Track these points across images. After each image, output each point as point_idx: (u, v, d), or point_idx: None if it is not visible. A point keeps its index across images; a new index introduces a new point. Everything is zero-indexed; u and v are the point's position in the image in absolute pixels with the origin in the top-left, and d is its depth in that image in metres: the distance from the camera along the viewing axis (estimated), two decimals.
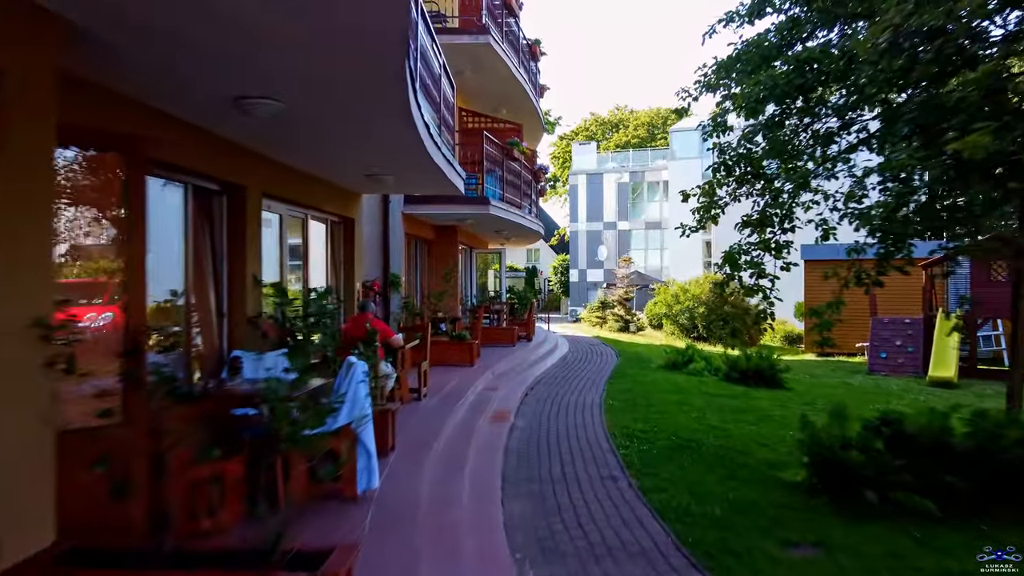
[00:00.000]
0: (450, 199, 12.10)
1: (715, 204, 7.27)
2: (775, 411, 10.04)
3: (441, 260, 14.91)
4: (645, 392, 11.46)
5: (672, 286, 24.46)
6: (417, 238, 13.78)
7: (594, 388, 11.79)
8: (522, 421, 8.95)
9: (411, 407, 8.06)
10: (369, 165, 6.97)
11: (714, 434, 8.37)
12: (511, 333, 14.97)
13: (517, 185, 14.51)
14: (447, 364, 11.44)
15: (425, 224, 13.82)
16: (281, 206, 6.97)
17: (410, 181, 8.19)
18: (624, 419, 9.21)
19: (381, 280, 11.70)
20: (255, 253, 6.07)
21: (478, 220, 13.29)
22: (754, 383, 12.48)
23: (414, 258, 13.76)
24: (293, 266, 7.61)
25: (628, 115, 60.16)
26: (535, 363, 14.12)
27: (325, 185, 7.84)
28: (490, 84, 14.88)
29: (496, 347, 14.39)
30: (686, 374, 14.05)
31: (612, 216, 42.39)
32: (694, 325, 23.01)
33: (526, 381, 11.82)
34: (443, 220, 13.63)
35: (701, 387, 12.32)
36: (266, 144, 5.89)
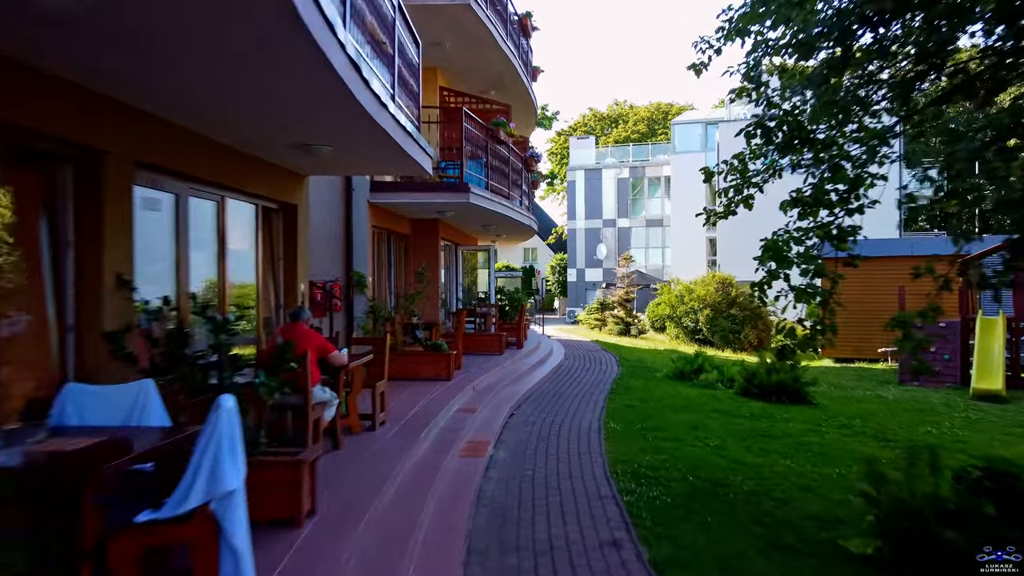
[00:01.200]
0: (423, 186, 10.44)
1: (748, 181, 5.60)
2: (809, 437, 8.36)
3: (420, 258, 13.25)
4: (652, 411, 9.79)
5: (676, 286, 22.81)
6: (390, 232, 12.11)
7: (592, 406, 10.12)
8: (503, 453, 7.27)
9: (359, 442, 6.39)
10: (287, 128, 5.30)
11: (742, 472, 6.69)
12: (499, 340, 13.29)
13: (505, 173, 12.84)
14: (420, 378, 9.77)
15: (399, 216, 12.15)
16: (178, 183, 5.30)
17: (356, 155, 6.52)
18: (628, 449, 7.54)
19: (343, 281, 10.03)
20: (120, 244, 4.40)
21: (460, 212, 11.63)
22: (776, 399, 10.81)
23: (386, 255, 12.09)
24: (206, 262, 5.93)
25: (628, 110, 58.50)
26: (525, 375, 12.44)
27: (249, 160, 6.17)
28: (476, 60, 13.23)
29: (481, 356, 12.71)
30: (697, 386, 12.38)
31: (611, 213, 40.76)
32: (699, 328, 21.34)
33: (513, 398, 10.14)
34: (420, 212, 11.96)
35: (715, 403, 10.65)
36: (128, 89, 4.21)
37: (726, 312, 20.99)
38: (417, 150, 6.73)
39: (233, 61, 3.73)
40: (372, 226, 10.65)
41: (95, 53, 3.54)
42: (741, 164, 5.71)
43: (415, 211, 11.88)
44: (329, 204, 9.95)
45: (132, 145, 4.52)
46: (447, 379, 9.87)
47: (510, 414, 9.32)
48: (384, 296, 12.05)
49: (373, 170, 8.66)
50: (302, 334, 5.78)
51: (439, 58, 12.89)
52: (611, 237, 40.73)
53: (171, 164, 5.05)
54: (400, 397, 8.51)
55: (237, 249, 6.47)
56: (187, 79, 4.05)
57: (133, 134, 4.52)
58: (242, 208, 6.49)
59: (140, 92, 4.28)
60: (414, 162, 6.84)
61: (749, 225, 28.10)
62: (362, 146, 6.12)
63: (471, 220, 13.53)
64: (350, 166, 7.54)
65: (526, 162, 14.82)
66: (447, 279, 15.35)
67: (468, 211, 11.55)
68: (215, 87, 4.19)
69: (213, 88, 4.21)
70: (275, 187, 6.93)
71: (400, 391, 8.90)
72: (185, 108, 4.64)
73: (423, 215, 12.45)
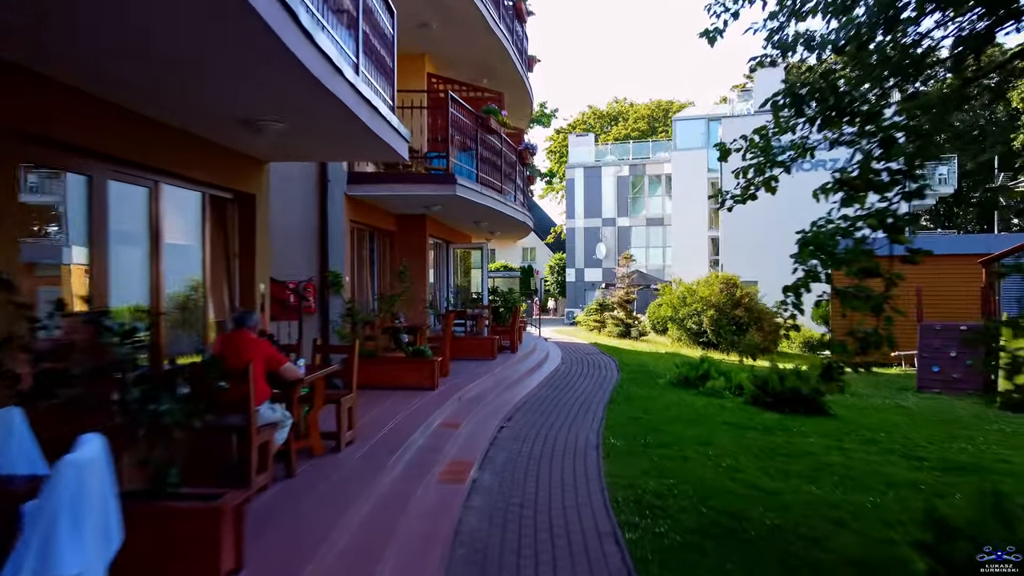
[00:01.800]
0: (406, 177, 9.58)
1: (772, 160, 4.72)
2: (832, 456, 7.49)
3: (406, 257, 12.36)
4: (655, 423, 8.92)
5: (678, 286, 21.93)
6: (373, 229, 11.23)
7: (590, 417, 9.25)
8: (488, 477, 6.40)
9: (319, 467, 5.51)
10: (226, 97, 4.42)
11: (761, 501, 5.82)
12: (491, 344, 12.42)
13: (497, 165, 11.97)
14: (402, 388, 8.90)
15: (382, 212, 11.27)
16: (95, 163, 4.42)
17: (315, 136, 5.65)
18: (630, 470, 6.67)
19: (317, 281, 9.16)
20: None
21: (447, 206, 10.76)
22: (790, 409, 9.93)
23: (368, 254, 11.21)
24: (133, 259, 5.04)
25: (627, 108, 57.64)
26: (518, 382, 11.57)
27: (189, 140, 5.29)
28: (466, 45, 12.36)
29: (472, 362, 11.84)
30: (703, 394, 11.51)
31: (611, 212, 39.92)
32: (702, 330, 20.47)
33: (503, 409, 9.27)
34: (404, 206, 11.08)
35: (724, 414, 9.78)
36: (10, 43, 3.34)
37: (731, 314, 20.12)
38: (388, 131, 5.86)
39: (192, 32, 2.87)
40: (351, 221, 9.78)
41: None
42: (763, 140, 4.84)
43: (399, 205, 11.00)
44: (303, 197, 9.08)
45: (15, 113, 3.64)
46: (431, 388, 8.99)
47: (499, 427, 8.45)
48: (366, 298, 11.17)
49: (340, 155, 7.76)
50: (247, 344, 4.91)
51: (426, 42, 12.02)
52: (611, 236, 39.88)
53: (81, 139, 4.17)
54: (376, 410, 7.64)
55: (179, 243, 5.59)
56: (79, 30, 3.18)
57: (17, 99, 3.64)
58: (184, 196, 5.61)
59: (26, 48, 3.41)
60: (385, 145, 5.96)
61: (754, 224, 27.24)
62: (320, 124, 5.24)
63: (461, 216, 12.66)
64: (312, 149, 6.65)
65: (521, 155, 13.95)
66: (437, 279, 14.49)
67: (456, 205, 10.68)
68: (103, 34, 3.32)
69: (102, 37, 3.34)
70: (227, 173, 6.05)
71: (378, 403, 8.03)
72: (81, 66, 3.76)
73: (408, 210, 11.57)
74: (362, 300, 11.04)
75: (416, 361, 9.09)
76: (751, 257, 27.65)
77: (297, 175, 8.92)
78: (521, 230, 16.36)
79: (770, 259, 28.34)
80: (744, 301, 20.37)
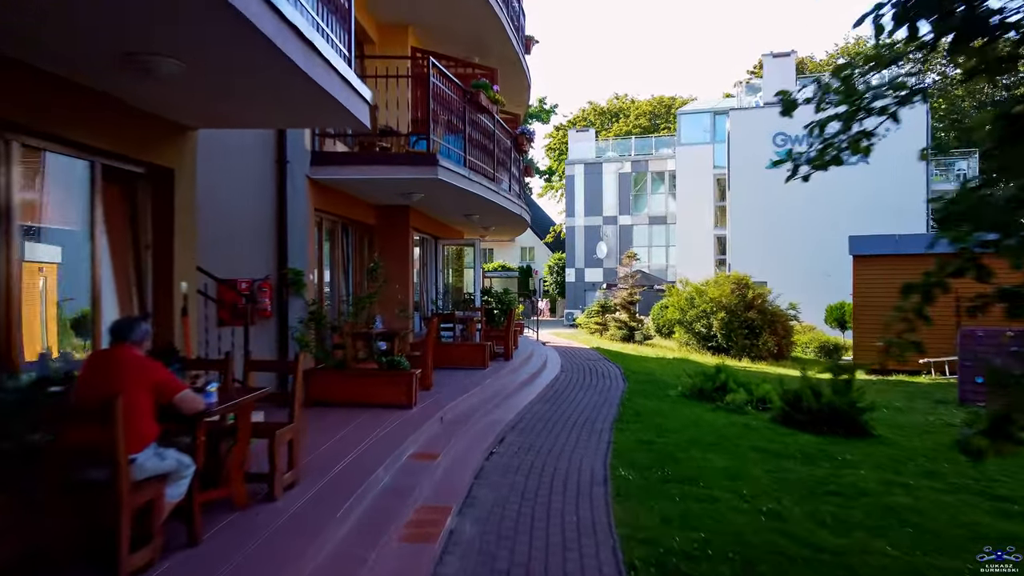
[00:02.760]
0: (379, 158, 8.22)
1: (864, 107, 3.34)
2: (895, 495, 6.11)
3: (388, 253, 11.00)
4: (672, 448, 7.55)
5: (685, 287, 20.56)
6: (346, 221, 9.85)
7: (595, 440, 7.88)
8: (469, 528, 5.03)
9: (239, 526, 4.13)
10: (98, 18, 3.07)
11: (824, 569, 4.44)
12: (482, 351, 11.04)
13: (489, 150, 10.60)
14: (374, 405, 7.54)
15: (357, 200, 9.90)
16: None
17: (235, 88, 4.26)
18: (648, 517, 5.30)
19: (275, 280, 7.79)
20: None
21: (431, 194, 9.40)
22: (827, 429, 8.56)
23: (341, 249, 9.84)
24: None
25: (628, 104, 56.28)
26: (512, 395, 10.18)
27: (66, 87, 3.92)
28: (455, 13, 10.97)
29: (460, 372, 10.48)
30: (722, 410, 10.14)
31: (612, 210, 38.56)
32: (712, 334, 19.09)
33: (493, 430, 7.89)
34: (378, 194, 9.71)
35: (751, 436, 8.41)
36: None
37: (742, 316, 18.75)
38: (340, 86, 4.49)
39: None
40: (317, 210, 8.41)
41: None
42: (844, 85, 3.45)
43: (375, 193, 9.62)
44: (256, 178, 7.72)
45: None
46: (408, 406, 7.63)
47: (488, 454, 7.08)
48: (339, 300, 9.79)
49: (280, 119, 6.21)
50: (126, 365, 3.54)
51: (410, 11, 10.66)
52: (612, 235, 38.52)
53: None
54: (335, 437, 6.27)
55: (51, 227, 4.22)
56: None
57: None
58: (60, 165, 4.24)
59: None
60: (338, 106, 4.60)
61: (763, 222, 25.83)
62: (235, 66, 3.86)
63: (449, 207, 11.29)
64: (242, 111, 5.21)
65: (516, 141, 12.58)
66: (424, 278, 13.12)
67: (441, 193, 9.31)
68: None
69: None
70: (132, 139, 4.68)
71: (340, 426, 6.67)
72: None
73: (387, 199, 10.20)
74: (335, 303, 9.67)
75: (390, 374, 7.72)
76: (761, 257, 26.32)
77: (249, 148, 7.58)
78: (517, 225, 14.99)
79: (780, 259, 27.03)
80: (757, 303, 19.01)
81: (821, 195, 26.54)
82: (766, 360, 18.50)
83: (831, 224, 26.46)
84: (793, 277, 24.57)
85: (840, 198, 26.51)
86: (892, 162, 25.90)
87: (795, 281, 23.87)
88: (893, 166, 25.93)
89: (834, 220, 26.43)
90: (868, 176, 26.21)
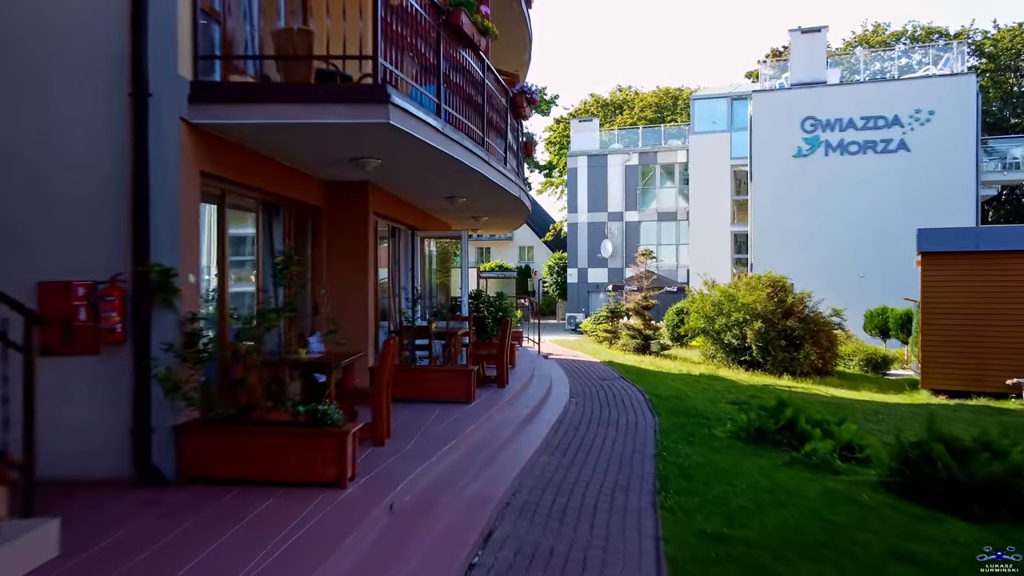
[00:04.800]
0: (296, 92, 5.29)
1: None
2: None
3: (339, 246, 8.15)
4: (762, 556, 4.66)
5: (711, 290, 17.68)
6: (271, 198, 6.96)
7: (633, 533, 4.99)
8: None
9: None
10: None
11: None
12: (466, 380, 8.16)
13: (475, 103, 7.72)
14: (281, 485, 4.69)
15: (289, 171, 7.01)
16: None
17: None
18: None
19: (130, 283, 4.91)
20: None
21: (390, 157, 6.53)
22: (983, 510, 5.66)
23: (263, 238, 6.93)
24: None
25: (633, 96, 53.39)
26: (506, 445, 7.26)
27: None
28: None
29: (437, 406, 7.64)
30: (801, 464, 7.25)
31: (618, 205, 35.69)
32: (746, 346, 16.22)
33: (474, 521, 4.97)
34: (316, 158, 6.82)
35: (871, 522, 5.52)
36: None
37: (780, 324, 15.89)
38: None
39: None
40: (207, 176, 5.51)
41: None
42: None
43: (304, 154, 6.72)
44: (95, 118, 4.85)
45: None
46: (338, 485, 4.75)
47: (466, 568, 4.21)
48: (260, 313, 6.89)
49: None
50: None
51: None
52: (617, 232, 35.65)
53: None
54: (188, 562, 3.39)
55: None
56: None
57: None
58: None
59: None
60: None
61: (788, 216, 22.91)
62: None
63: (421, 181, 8.42)
64: None
65: (514, 101, 9.71)
66: (395, 281, 10.24)
67: (405, 156, 6.44)
68: None
69: None
70: None
71: (213, 530, 3.79)
72: None
73: (331, 169, 7.32)
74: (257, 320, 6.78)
75: (310, 435, 4.83)
76: (786, 255, 23.46)
77: (78, 65, 4.74)
78: (514, 213, 12.12)
79: (808, 258, 24.03)
80: (797, 309, 16.15)
81: (854, 186, 23.75)
82: (809, 377, 15.65)
83: (865, 219, 23.64)
84: (823, 278, 21.57)
85: (875, 189, 23.68)
86: (933, 150, 23.17)
87: (825, 283, 20.84)
88: (933, 154, 23.19)
89: (869, 214, 23.62)
90: (906, 165, 23.42)
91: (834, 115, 24.10)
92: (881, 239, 23.33)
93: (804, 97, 24.51)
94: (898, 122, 23.55)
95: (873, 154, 23.80)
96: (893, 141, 23.62)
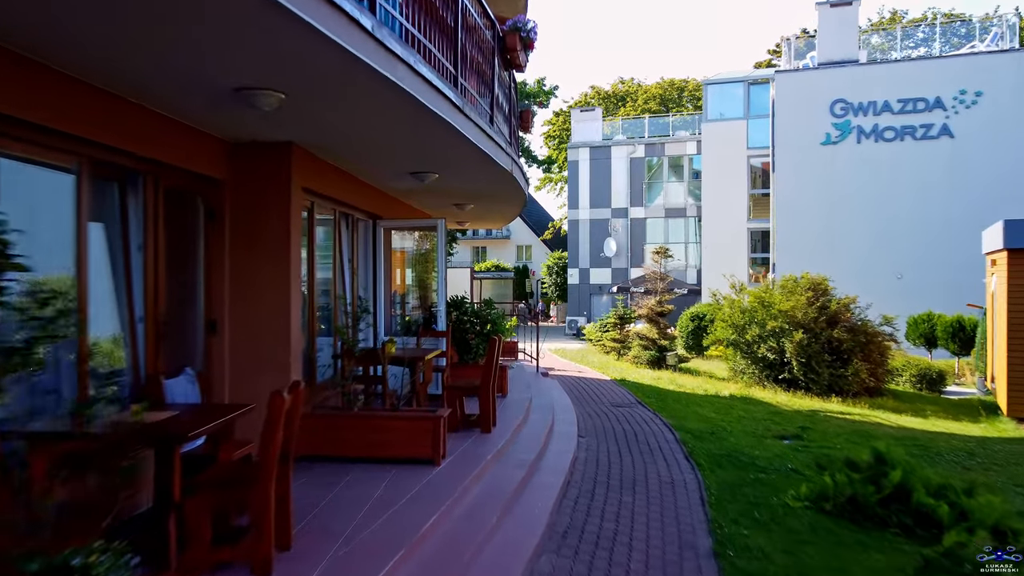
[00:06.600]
0: None
1: None
2: None
3: (248, 235, 5.62)
4: None
5: (740, 294, 15.13)
6: (128, 162, 4.37)
7: None
8: None
9: None
10: None
11: None
12: (430, 431, 5.60)
13: (448, 29, 5.19)
14: None
15: (162, 120, 4.44)
16: None
17: None
18: None
19: None
20: None
21: (309, 90, 4.00)
22: None
23: (117, 228, 4.35)
24: None
25: (636, 88, 50.86)
26: (482, 549, 4.69)
27: None
28: None
29: (388, 474, 5.09)
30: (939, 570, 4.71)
31: (622, 201, 33.13)
32: (785, 361, 13.67)
33: None
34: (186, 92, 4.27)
35: None
36: None
37: (824, 335, 13.36)
38: None
39: None
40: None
41: None
42: None
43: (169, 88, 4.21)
44: None
45: None
46: None
47: None
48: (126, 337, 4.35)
49: None
50: None
51: None
52: (622, 230, 33.11)
53: None
54: None
55: None
56: None
57: None
58: None
59: None
60: None
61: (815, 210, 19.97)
62: None
63: (369, 143, 5.86)
64: None
65: (505, 42, 7.19)
66: (348, 287, 7.68)
67: (314, 78, 3.92)
68: None
69: None
70: None
71: None
72: None
73: (219, 116, 4.78)
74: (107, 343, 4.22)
75: None
76: (812, 254, 20.90)
77: None
78: (505, 197, 9.57)
79: (838, 256, 21.46)
80: (844, 317, 13.62)
81: (890, 177, 21.23)
82: (860, 398, 13.12)
83: (903, 213, 21.10)
84: (855, 279, 18.89)
85: (914, 180, 21.15)
86: (981, 136, 20.64)
87: (858, 284, 18.13)
88: (981, 140, 20.69)
89: (907, 208, 21.09)
90: (949, 153, 20.88)
91: (867, 98, 21.55)
92: (921, 236, 20.82)
93: (833, 77, 21.95)
94: (940, 104, 21.00)
95: (912, 141, 21.24)
96: (935, 126, 21.06)
